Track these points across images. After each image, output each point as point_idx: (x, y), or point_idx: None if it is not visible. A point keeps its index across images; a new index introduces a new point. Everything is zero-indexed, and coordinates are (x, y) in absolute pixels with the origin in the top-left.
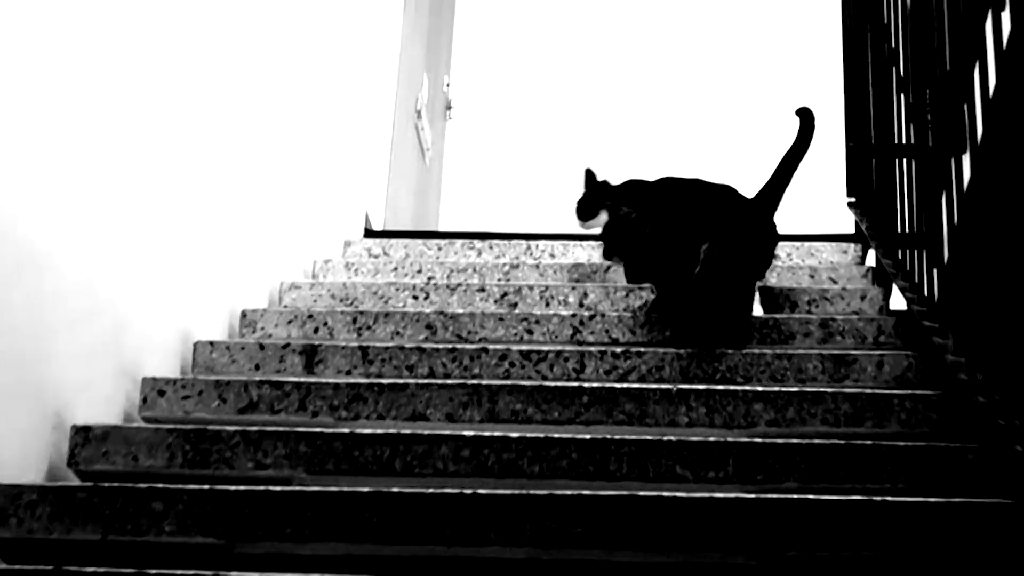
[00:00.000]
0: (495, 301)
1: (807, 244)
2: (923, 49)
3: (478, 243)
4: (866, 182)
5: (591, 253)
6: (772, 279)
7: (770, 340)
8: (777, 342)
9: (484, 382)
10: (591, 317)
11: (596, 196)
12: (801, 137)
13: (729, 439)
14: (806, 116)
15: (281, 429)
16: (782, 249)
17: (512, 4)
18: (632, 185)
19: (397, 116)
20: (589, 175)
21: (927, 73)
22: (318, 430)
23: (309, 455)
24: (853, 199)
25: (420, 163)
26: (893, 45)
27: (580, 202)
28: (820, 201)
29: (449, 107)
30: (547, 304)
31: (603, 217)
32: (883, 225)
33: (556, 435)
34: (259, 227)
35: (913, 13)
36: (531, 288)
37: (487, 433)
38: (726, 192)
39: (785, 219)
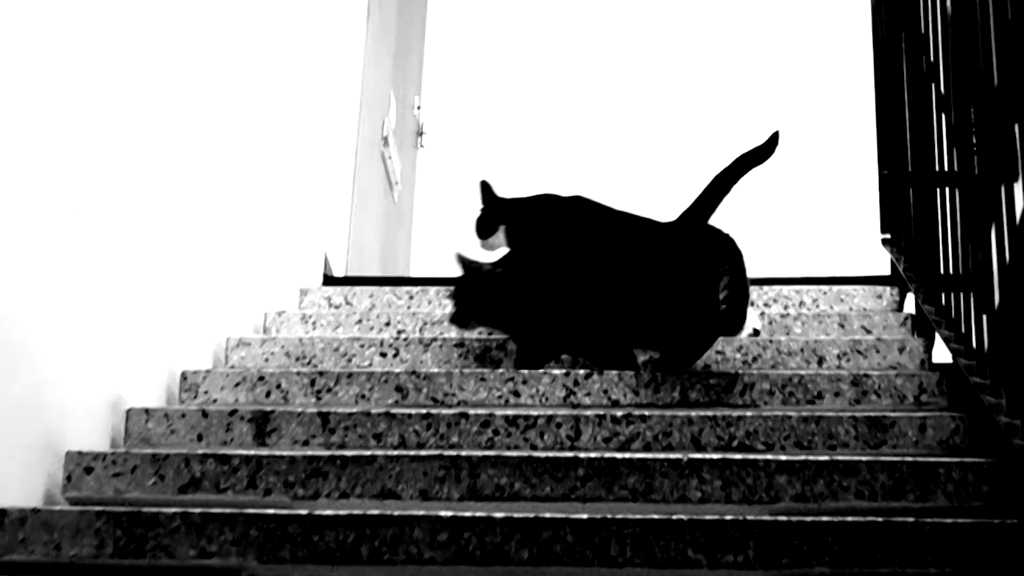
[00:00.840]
0: (476, 358)
1: (836, 288)
2: (967, 62)
3: None
4: (903, 216)
5: None
6: (796, 329)
7: (795, 400)
8: (803, 402)
9: (464, 453)
10: (587, 376)
11: (494, 212)
12: (758, 149)
13: (749, 517)
14: (773, 138)
15: (228, 511)
16: (807, 295)
17: (490, 16)
18: (530, 206)
19: (360, 144)
20: (485, 189)
21: (972, 89)
22: (271, 511)
23: (261, 541)
24: (888, 235)
25: (388, 198)
26: (932, 58)
27: (478, 220)
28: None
29: (420, 133)
30: None
31: (501, 237)
32: (923, 265)
33: (548, 514)
34: (201, 275)
35: (955, 21)
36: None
37: (468, 513)
38: (639, 224)
39: (810, 259)
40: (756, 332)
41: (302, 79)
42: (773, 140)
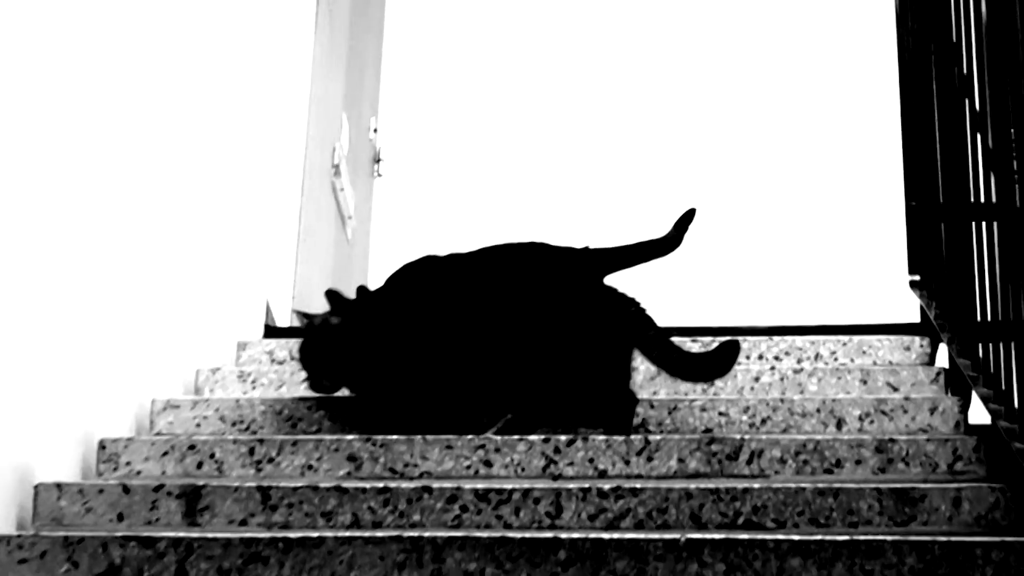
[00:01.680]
0: None
1: (857, 338)
2: (1006, 74)
3: None
4: (933, 254)
5: None
6: (811, 386)
7: (810, 469)
8: (819, 472)
9: (427, 533)
10: (570, 442)
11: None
12: (661, 241)
13: None
14: (680, 226)
15: None
16: (824, 347)
17: (455, 28)
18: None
19: (308, 173)
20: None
21: (1013, 105)
22: None
23: None
24: (916, 277)
25: (339, 235)
26: (965, 70)
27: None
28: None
29: (378, 160)
30: None
31: None
32: (957, 311)
33: None
34: (122, 328)
35: (991, 27)
36: None
37: None
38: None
39: (827, 305)
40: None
41: (238, 98)
42: (679, 230)
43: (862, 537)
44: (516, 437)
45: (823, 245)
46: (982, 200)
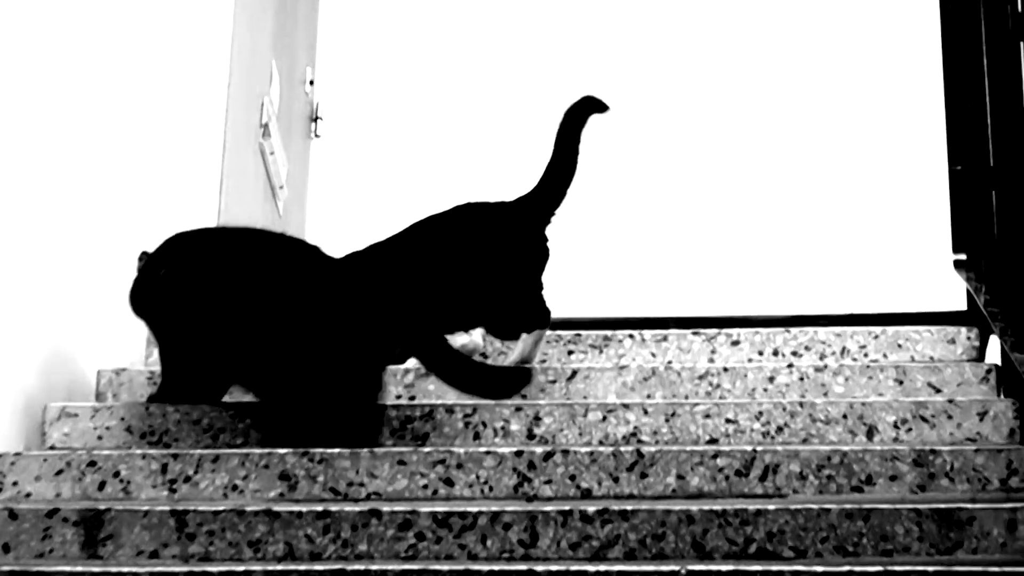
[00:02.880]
0: (392, 432)
1: (891, 329)
2: None
3: None
4: (983, 229)
5: (545, 349)
6: (837, 387)
7: (835, 487)
8: (847, 490)
9: (376, 567)
10: (547, 456)
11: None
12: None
13: None
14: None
15: None
16: (852, 340)
17: None
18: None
19: (230, 134)
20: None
21: None
22: None
23: None
24: (962, 256)
25: (268, 207)
26: (1021, 7)
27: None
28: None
29: (315, 118)
30: (476, 435)
31: None
32: (1012, 297)
33: None
34: (6, 325)
35: None
36: (449, 410)
37: None
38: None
39: (856, 290)
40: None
41: (140, 46)
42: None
43: (898, 568)
44: (483, 450)
45: (849, 219)
46: None
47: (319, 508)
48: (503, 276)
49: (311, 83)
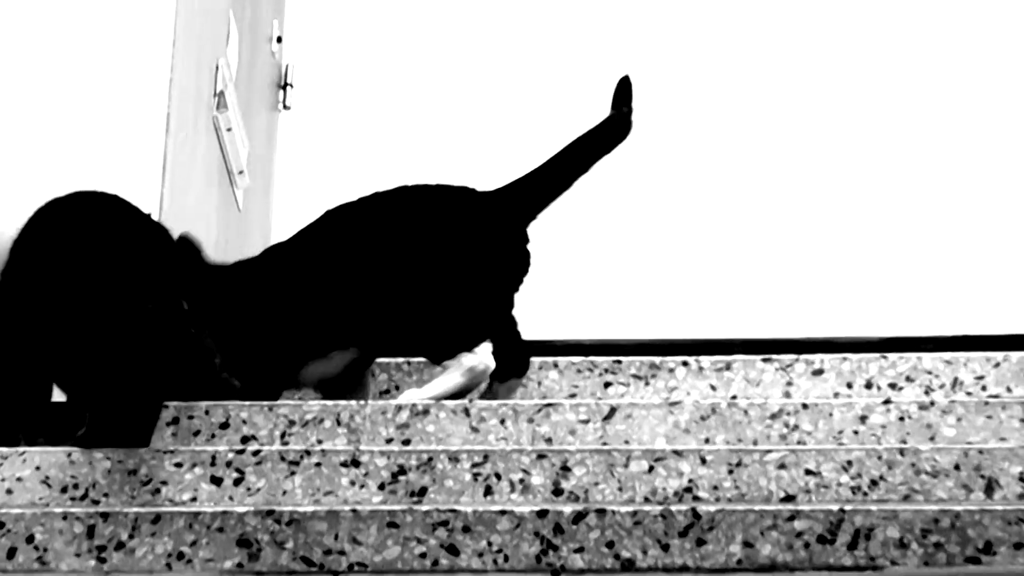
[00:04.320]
0: (382, 486)
1: (1017, 355)
2: None
3: None
4: None
5: (576, 380)
6: (947, 429)
7: (945, 557)
8: (960, 561)
9: None
10: (578, 517)
11: None
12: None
13: None
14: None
15: None
16: (966, 368)
17: None
18: None
19: (173, 106)
20: None
21: None
22: None
23: None
24: None
25: (224, 197)
26: None
27: None
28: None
29: (285, 84)
30: (488, 490)
31: None
32: None
33: None
34: None
35: None
36: (454, 457)
37: None
38: None
39: (973, 307)
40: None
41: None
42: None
43: None
44: (497, 509)
45: (963, 218)
46: None
47: None
48: (449, 285)
49: (279, 40)
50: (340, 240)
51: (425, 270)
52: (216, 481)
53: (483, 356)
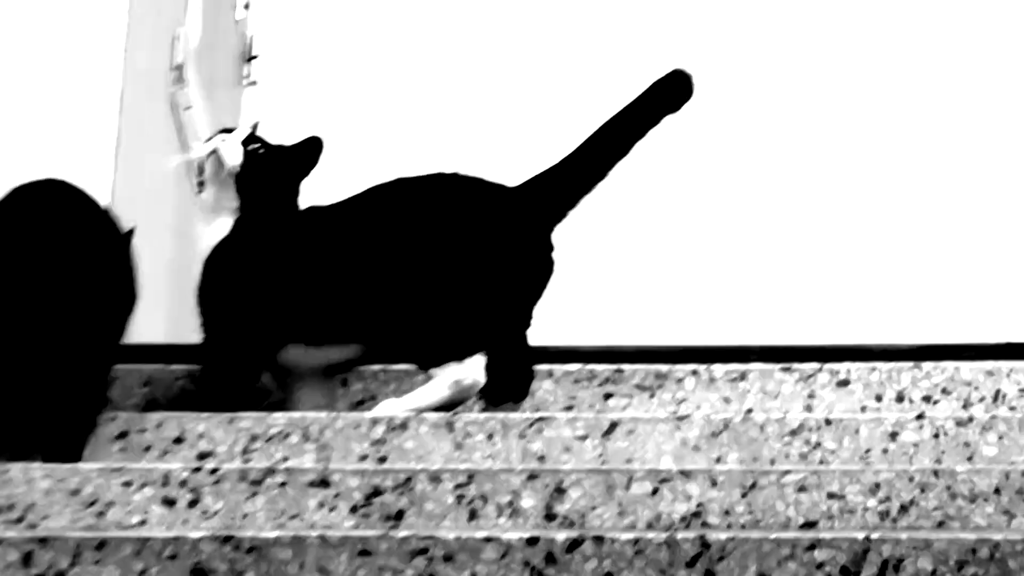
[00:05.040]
0: (354, 508)
1: None
2: None
3: None
4: None
5: (572, 391)
6: (987, 448)
7: None
8: None
9: None
10: (574, 544)
11: None
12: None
13: None
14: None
15: None
16: (1009, 379)
17: None
18: None
19: (127, 82)
20: None
21: None
22: None
23: None
24: None
25: (184, 181)
26: None
27: None
28: None
29: (250, 57)
30: (472, 514)
31: None
32: None
33: None
34: None
35: None
36: (435, 477)
37: None
38: None
39: (1010, 309)
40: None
41: None
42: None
43: None
44: (482, 535)
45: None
46: None
47: None
48: (451, 285)
49: (246, 7)
50: (365, 224)
51: (430, 266)
52: (168, 503)
53: (472, 370)
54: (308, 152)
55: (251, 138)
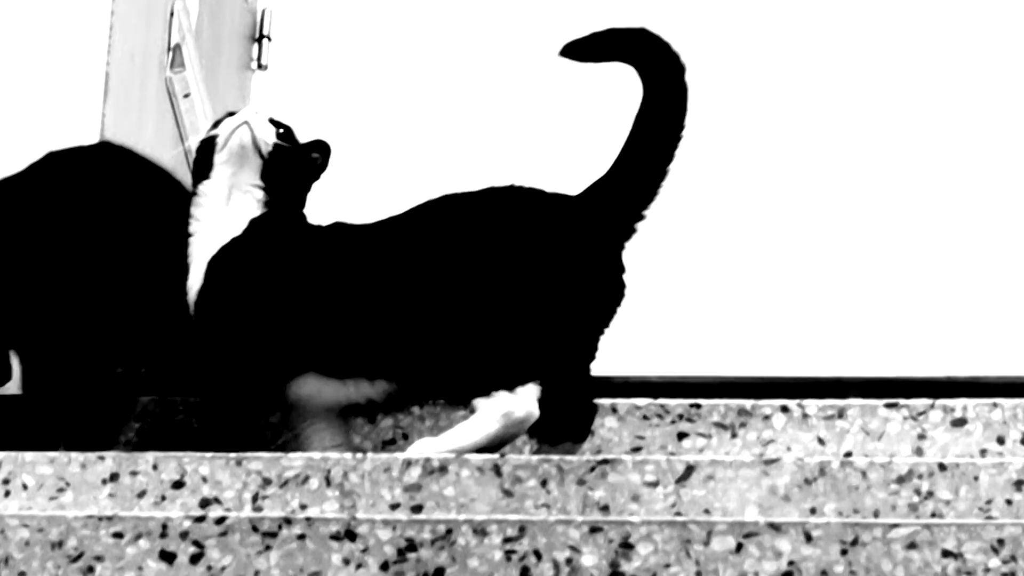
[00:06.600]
0: (384, 566)
1: None
2: None
3: None
4: None
5: (641, 430)
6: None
7: None
8: None
9: None
10: None
11: None
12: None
13: None
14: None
15: None
16: None
17: None
18: None
19: (114, 65)
20: None
21: None
22: None
23: None
24: None
25: (181, 178)
26: None
27: None
28: None
29: (260, 37)
30: (524, 573)
31: None
32: None
33: None
34: None
35: None
36: (480, 529)
37: None
38: None
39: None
40: None
41: None
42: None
43: None
44: None
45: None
46: None
47: None
48: (504, 304)
49: None
50: (410, 241)
51: (482, 282)
52: (167, 557)
53: (525, 401)
54: (322, 156)
55: (276, 123)
